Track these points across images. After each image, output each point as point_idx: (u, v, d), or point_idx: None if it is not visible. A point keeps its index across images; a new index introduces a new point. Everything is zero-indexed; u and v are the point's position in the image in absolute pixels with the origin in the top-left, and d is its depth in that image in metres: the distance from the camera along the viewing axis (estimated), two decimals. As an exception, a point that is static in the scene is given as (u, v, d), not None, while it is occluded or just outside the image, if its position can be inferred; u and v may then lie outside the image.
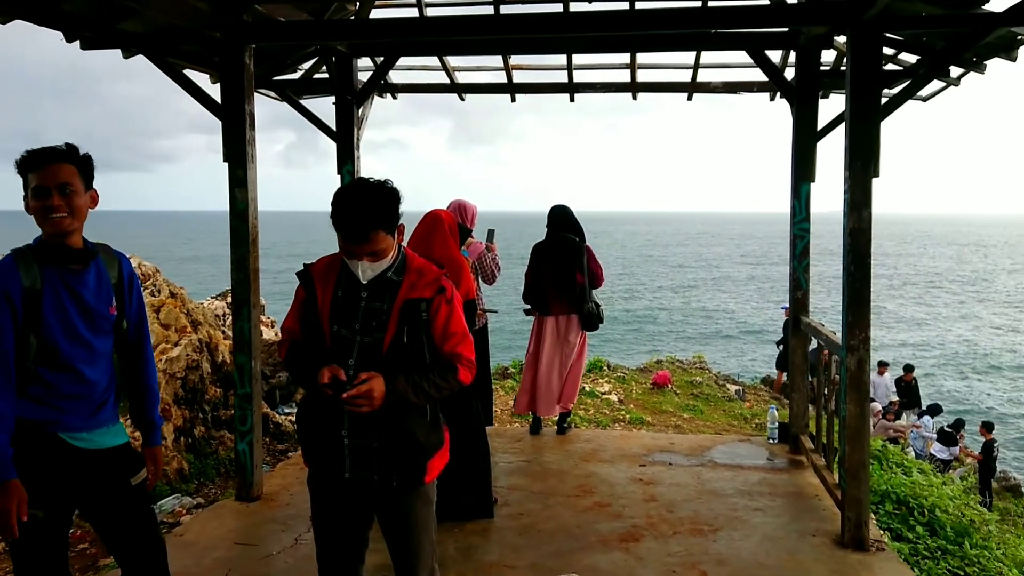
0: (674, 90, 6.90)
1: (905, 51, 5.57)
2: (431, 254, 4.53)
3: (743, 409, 11.04)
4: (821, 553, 4.20)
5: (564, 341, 6.26)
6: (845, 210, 4.18)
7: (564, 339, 6.26)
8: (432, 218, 4.71)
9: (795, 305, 5.89)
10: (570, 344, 6.28)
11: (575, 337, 6.29)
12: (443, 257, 4.54)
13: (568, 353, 6.29)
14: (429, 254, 4.54)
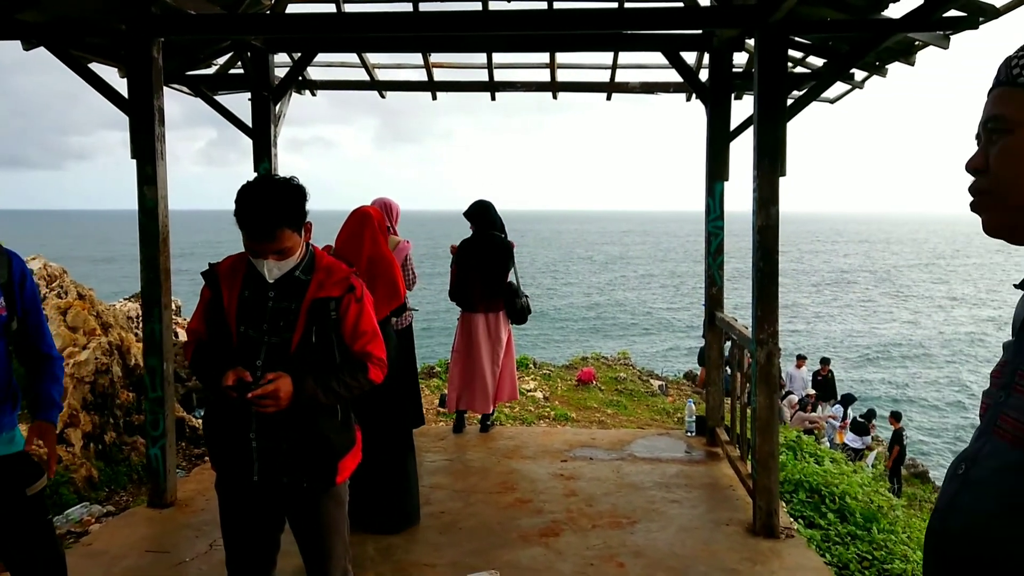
0: (593, 90, 6.99)
1: (813, 54, 5.78)
2: (360, 252, 4.46)
3: (665, 404, 11.26)
4: (734, 541, 4.32)
5: (496, 338, 6.28)
6: (754, 208, 4.31)
7: (496, 336, 6.28)
8: (360, 215, 4.62)
9: (710, 301, 6.04)
10: (501, 340, 6.31)
11: (505, 333, 6.32)
12: (373, 255, 4.47)
13: (500, 350, 6.31)
14: (359, 252, 4.49)
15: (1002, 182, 1.12)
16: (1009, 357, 1.19)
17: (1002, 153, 1.12)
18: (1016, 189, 1.11)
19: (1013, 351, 1.18)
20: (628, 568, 4.01)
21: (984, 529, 1.09)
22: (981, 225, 1.18)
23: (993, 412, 1.16)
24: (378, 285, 4.49)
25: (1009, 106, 1.12)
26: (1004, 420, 1.11)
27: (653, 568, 4.00)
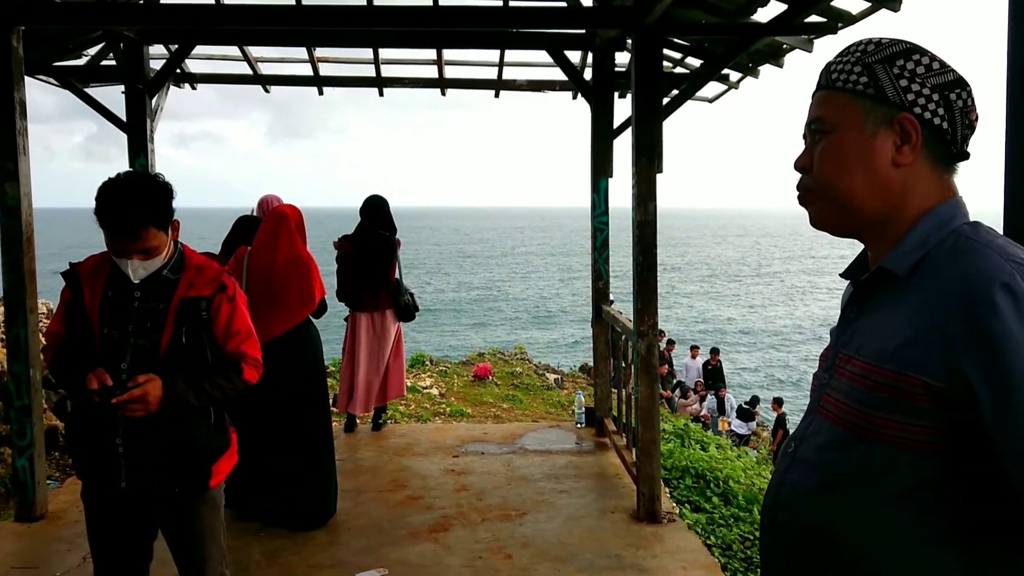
0: (481, 87, 7.03)
1: (691, 55, 6.00)
2: (276, 253, 4.38)
3: (560, 397, 11.44)
4: (619, 528, 4.45)
5: (381, 337, 6.22)
6: (633, 204, 4.44)
7: (381, 335, 6.22)
8: (276, 215, 4.51)
9: (597, 295, 6.18)
10: (387, 339, 6.25)
11: (392, 331, 6.27)
12: (289, 256, 4.39)
13: (386, 348, 6.26)
14: (274, 253, 4.39)
15: (824, 179, 1.21)
16: (833, 341, 1.28)
17: (823, 152, 1.21)
18: (836, 185, 1.19)
19: (835, 336, 1.28)
20: (515, 559, 4.07)
21: (808, 503, 1.18)
22: (808, 219, 1.27)
23: (818, 393, 1.25)
24: (295, 286, 4.41)
25: (829, 108, 1.21)
26: (827, 400, 1.20)
27: (540, 558, 4.07)
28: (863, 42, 1.19)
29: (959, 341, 0.99)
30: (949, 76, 1.13)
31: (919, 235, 1.13)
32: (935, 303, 1.04)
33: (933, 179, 1.15)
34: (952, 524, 1.03)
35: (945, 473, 1.03)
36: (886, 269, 1.15)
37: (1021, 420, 0.94)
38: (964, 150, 1.16)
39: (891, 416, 1.06)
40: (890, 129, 1.14)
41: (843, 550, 1.11)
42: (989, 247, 1.05)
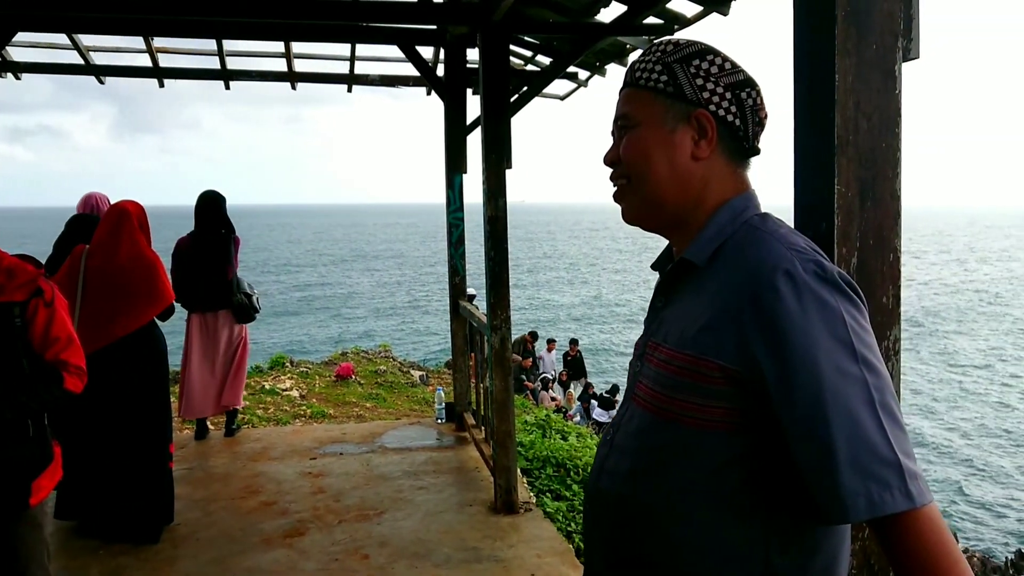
0: (333, 81, 6.89)
1: (541, 53, 6.10)
2: (118, 252, 4.12)
3: (426, 393, 11.41)
4: (476, 521, 4.48)
5: (215, 337, 5.97)
6: (484, 199, 4.48)
7: (215, 335, 5.97)
8: (118, 212, 4.22)
9: (454, 291, 6.20)
10: (225, 340, 6.01)
11: (231, 332, 6.03)
12: (132, 255, 4.15)
13: (225, 350, 6.02)
14: (115, 252, 4.12)
15: (631, 174, 1.26)
16: (644, 330, 1.33)
17: (628, 146, 1.25)
18: (642, 181, 1.24)
19: (646, 325, 1.33)
20: (372, 559, 4.03)
21: (625, 488, 1.22)
22: (621, 214, 1.31)
23: (632, 381, 1.30)
24: (140, 287, 4.19)
25: (633, 105, 1.25)
26: (639, 387, 1.25)
27: (397, 556, 4.05)
28: (663, 42, 1.25)
29: (747, 325, 1.05)
30: (740, 76, 1.20)
31: (716, 226, 1.19)
32: (727, 290, 1.10)
33: (728, 173, 1.22)
34: (758, 500, 1.08)
35: (748, 452, 1.07)
36: (687, 260, 1.20)
37: (801, 398, 1.00)
38: (756, 146, 1.24)
39: (693, 399, 1.10)
40: (688, 125, 1.19)
41: (658, 532, 1.13)
42: (773, 237, 1.12)
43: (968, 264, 62.84)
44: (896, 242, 1.34)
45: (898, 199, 1.34)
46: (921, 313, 36.04)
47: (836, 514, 0.99)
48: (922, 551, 0.98)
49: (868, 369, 1.02)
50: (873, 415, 1.00)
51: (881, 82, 1.32)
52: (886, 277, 1.34)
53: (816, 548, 1.10)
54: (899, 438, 1.01)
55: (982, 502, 13.81)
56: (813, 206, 1.36)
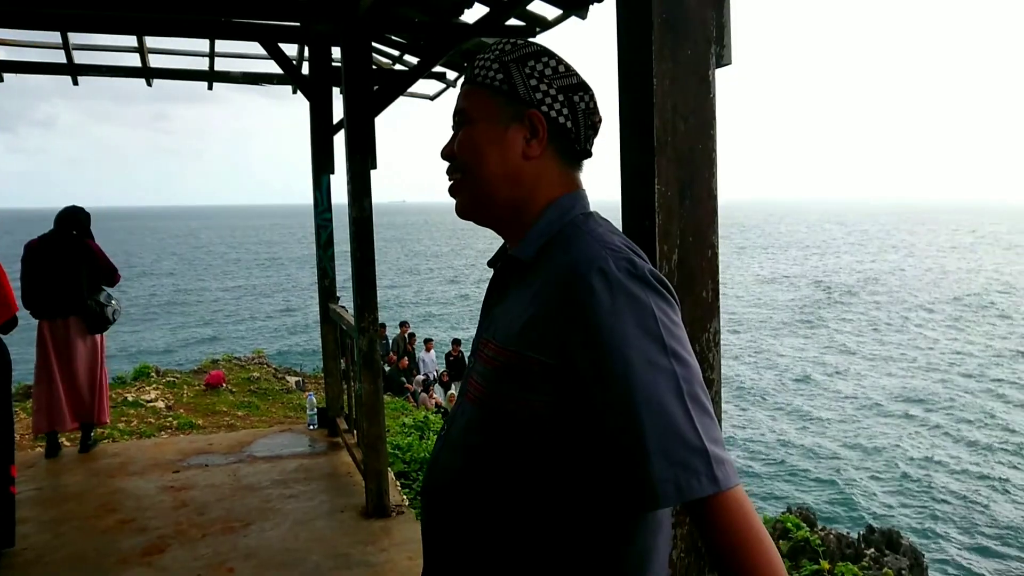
0: (191, 78, 6.63)
1: (408, 53, 6.06)
2: None
3: (301, 399, 11.14)
4: (348, 527, 4.42)
5: (71, 347, 5.63)
6: (349, 200, 4.41)
7: (70, 345, 5.62)
8: None
9: (323, 293, 6.08)
10: (81, 350, 5.67)
11: (86, 341, 5.70)
12: None
13: (83, 360, 5.68)
14: None
15: (465, 169, 1.27)
16: (478, 328, 1.35)
17: (463, 141, 1.26)
18: (475, 176, 1.25)
19: (480, 322, 1.34)
20: (238, 572, 3.90)
21: (455, 482, 1.23)
22: (455, 209, 1.32)
23: (466, 377, 1.31)
24: None
25: (471, 101, 1.27)
26: (470, 383, 1.26)
27: (264, 567, 3.94)
28: (502, 42, 1.26)
29: (563, 322, 1.08)
30: (573, 80, 1.23)
31: (543, 224, 1.22)
32: (548, 288, 1.12)
33: (559, 173, 1.25)
34: (578, 492, 1.10)
35: (567, 445, 1.10)
36: (514, 257, 1.22)
37: (612, 391, 1.03)
38: (587, 149, 1.27)
39: (516, 394, 1.12)
40: (521, 124, 1.21)
41: (485, 526, 1.15)
42: (591, 236, 1.15)
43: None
44: (714, 239, 1.41)
45: (715, 198, 1.40)
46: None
47: (647, 501, 1.02)
48: (730, 530, 1.04)
49: (677, 361, 1.07)
50: (682, 405, 1.04)
51: (697, 87, 1.38)
52: (705, 272, 1.41)
53: (633, 536, 1.14)
54: (707, 426, 1.06)
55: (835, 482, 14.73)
56: (636, 205, 1.41)
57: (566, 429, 1.10)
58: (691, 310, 1.41)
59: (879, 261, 62.00)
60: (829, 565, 8.03)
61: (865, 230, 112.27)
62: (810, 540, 8.44)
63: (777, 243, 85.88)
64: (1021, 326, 31.38)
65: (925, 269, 54.56)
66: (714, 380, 1.42)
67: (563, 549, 1.12)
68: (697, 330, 1.41)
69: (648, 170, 1.37)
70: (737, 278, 48.95)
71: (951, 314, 35.12)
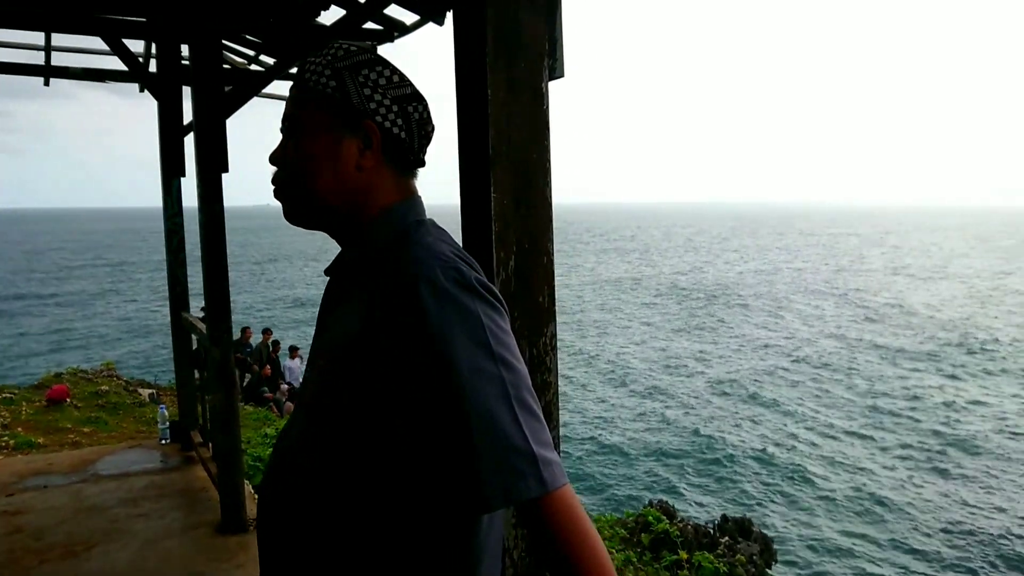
0: (26, 72, 6.17)
1: (264, 53, 5.89)
2: None
3: (156, 413, 10.61)
4: (202, 544, 4.24)
5: None
6: (199, 204, 4.25)
7: None
8: None
9: (175, 301, 5.82)
10: None
11: None
12: None
13: None
14: None
15: (296, 178, 1.25)
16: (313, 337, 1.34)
17: (295, 150, 1.24)
18: (303, 185, 1.24)
19: (315, 331, 1.33)
20: (79, 599, 3.68)
21: (285, 493, 1.22)
22: (283, 213, 1.30)
23: (301, 387, 1.30)
24: None
25: (300, 108, 1.25)
26: (304, 392, 1.26)
27: (108, 592, 3.73)
28: (335, 47, 1.25)
29: (393, 331, 1.08)
30: (407, 90, 1.24)
31: (375, 233, 1.22)
32: (378, 297, 1.13)
33: (393, 182, 1.25)
34: (407, 498, 1.11)
35: (395, 452, 1.10)
36: (347, 265, 1.22)
37: (441, 398, 1.04)
38: (421, 158, 1.28)
39: (347, 403, 1.12)
40: (354, 134, 1.20)
41: (322, 534, 1.15)
42: (420, 245, 1.17)
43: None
44: (549, 246, 1.46)
45: (549, 206, 1.45)
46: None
47: (478, 505, 1.05)
48: (558, 529, 1.08)
49: (505, 367, 1.10)
50: (509, 410, 1.07)
51: (530, 99, 1.42)
52: (541, 278, 1.46)
53: (464, 537, 1.16)
54: (535, 429, 1.09)
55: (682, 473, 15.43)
56: (474, 213, 1.44)
57: (397, 437, 1.11)
58: (528, 315, 1.45)
59: (717, 263, 65.49)
60: (687, 555, 8.40)
61: (717, 232, 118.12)
62: (670, 532, 8.80)
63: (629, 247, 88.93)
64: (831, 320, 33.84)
65: (756, 270, 58.11)
66: (551, 383, 1.47)
67: (396, 553, 1.13)
68: (534, 334, 1.45)
69: (484, 180, 1.40)
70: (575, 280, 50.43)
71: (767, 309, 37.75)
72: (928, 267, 59.58)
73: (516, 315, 1.42)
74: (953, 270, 57.43)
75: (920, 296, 41.85)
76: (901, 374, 23.74)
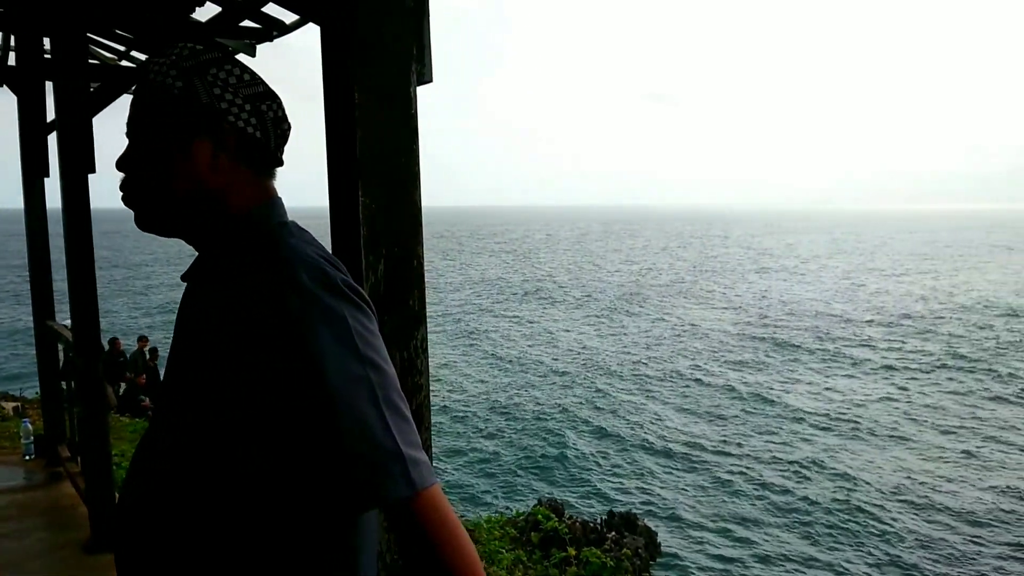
0: None
1: (136, 49, 5.65)
2: None
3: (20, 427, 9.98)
4: (69, 564, 4.03)
5: None
6: (63, 206, 4.04)
7: None
8: None
9: (39, 309, 5.50)
10: None
11: None
12: None
13: None
14: None
15: (142, 179, 1.20)
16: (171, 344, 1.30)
17: (143, 154, 1.20)
18: (158, 192, 1.19)
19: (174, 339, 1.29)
20: (-71, 629, 3.43)
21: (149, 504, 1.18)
22: (134, 219, 1.25)
23: (159, 395, 1.26)
24: None
25: (147, 111, 1.20)
26: (163, 401, 1.22)
27: (-38, 620, 3.50)
28: (181, 47, 1.20)
29: (258, 336, 1.06)
30: (259, 88, 1.21)
31: (234, 237, 1.19)
32: (240, 300, 1.10)
33: (251, 183, 1.22)
34: (276, 504, 1.10)
35: (269, 456, 1.08)
36: (201, 270, 1.20)
37: (308, 402, 1.03)
38: (279, 157, 1.25)
39: (209, 410, 1.10)
40: (206, 135, 1.16)
41: (185, 545, 1.12)
42: (282, 247, 1.15)
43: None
44: (419, 249, 1.47)
45: (418, 210, 1.47)
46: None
47: (347, 506, 1.05)
48: (428, 528, 1.09)
49: (373, 369, 1.10)
50: (377, 411, 1.08)
51: (398, 104, 1.43)
52: (411, 282, 1.47)
53: (338, 539, 1.16)
54: (403, 430, 1.10)
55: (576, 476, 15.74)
56: (343, 218, 1.44)
57: (265, 443, 1.10)
58: (399, 319, 1.46)
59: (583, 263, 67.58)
60: (575, 551, 8.58)
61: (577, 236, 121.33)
62: (558, 529, 8.96)
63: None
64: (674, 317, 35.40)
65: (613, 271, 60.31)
66: (423, 385, 1.48)
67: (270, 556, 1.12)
68: (405, 337, 1.46)
69: (352, 184, 1.40)
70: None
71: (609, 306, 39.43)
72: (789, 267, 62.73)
73: (386, 319, 1.43)
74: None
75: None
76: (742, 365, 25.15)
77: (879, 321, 33.56)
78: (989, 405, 20.31)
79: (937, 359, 25.74)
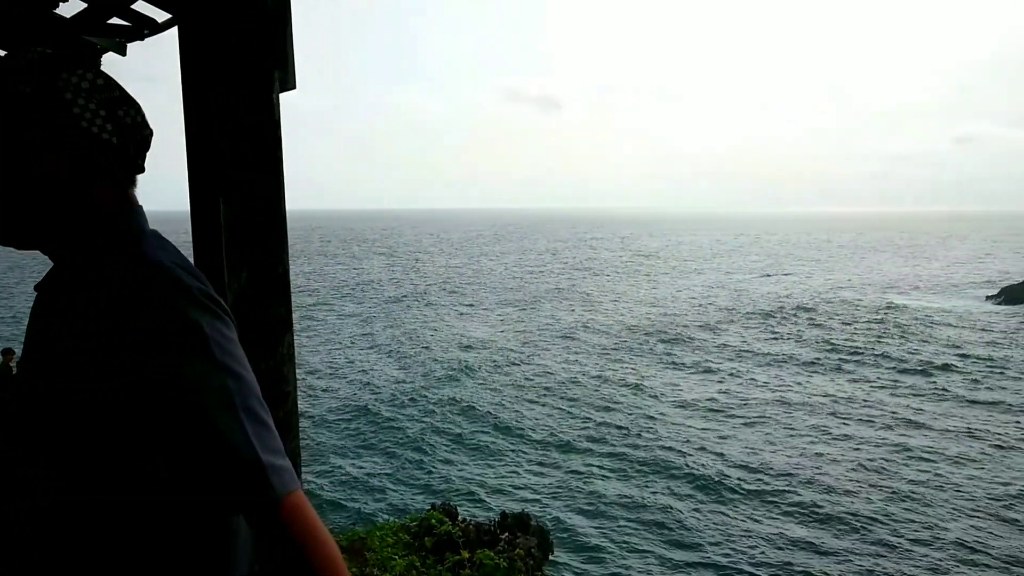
0: None
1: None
2: None
3: None
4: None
5: None
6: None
7: None
8: None
9: None
10: None
11: None
12: None
13: None
14: None
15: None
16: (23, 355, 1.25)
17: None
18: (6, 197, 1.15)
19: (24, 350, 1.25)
20: None
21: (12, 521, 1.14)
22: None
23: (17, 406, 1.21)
24: None
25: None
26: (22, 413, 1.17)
27: None
28: (32, 51, 1.15)
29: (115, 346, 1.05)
30: (116, 93, 1.17)
31: (91, 245, 1.16)
32: (97, 309, 1.08)
33: (109, 191, 1.18)
34: (148, 508, 1.09)
35: (129, 465, 1.07)
36: (61, 280, 1.16)
37: (166, 412, 1.03)
38: (139, 164, 1.22)
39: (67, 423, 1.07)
40: (59, 142, 1.12)
41: (49, 559, 1.10)
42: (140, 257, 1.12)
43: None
44: (284, 257, 1.47)
45: (283, 216, 1.46)
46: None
47: (211, 512, 1.05)
48: (292, 533, 1.09)
49: (231, 376, 1.10)
50: (235, 419, 1.08)
51: (260, 110, 1.43)
52: (276, 289, 1.46)
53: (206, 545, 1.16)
54: (262, 436, 1.10)
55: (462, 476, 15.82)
56: (205, 225, 1.42)
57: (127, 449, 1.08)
58: (264, 327, 1.45)
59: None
60: (469, 554, 8.61)
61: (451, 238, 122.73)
62: (452, 533, 8.97)
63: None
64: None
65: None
66: (290, 393, 1.48)
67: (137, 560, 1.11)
68: (271, 345, 1.46)
69: (214, 191, 1.39)
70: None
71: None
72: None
73: (251, 327, 1.42)
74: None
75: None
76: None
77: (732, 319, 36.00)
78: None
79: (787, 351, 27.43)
